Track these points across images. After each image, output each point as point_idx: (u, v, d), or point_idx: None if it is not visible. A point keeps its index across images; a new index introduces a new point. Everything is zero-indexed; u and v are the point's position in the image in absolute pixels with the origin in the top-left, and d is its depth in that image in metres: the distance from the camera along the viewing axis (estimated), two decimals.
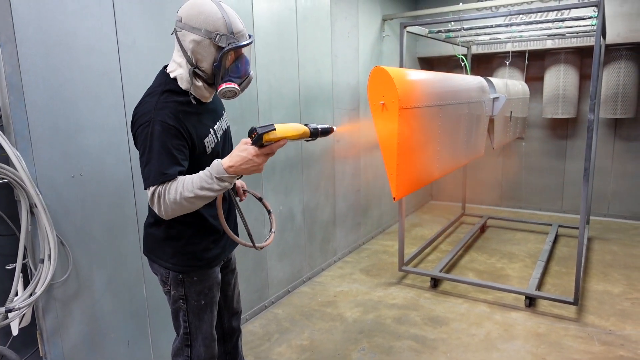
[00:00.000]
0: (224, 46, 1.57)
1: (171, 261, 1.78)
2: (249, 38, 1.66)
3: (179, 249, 1.77)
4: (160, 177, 1.52)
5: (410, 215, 6.09)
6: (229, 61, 1.62)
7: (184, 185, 1.51)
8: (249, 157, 1.51)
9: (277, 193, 3.51)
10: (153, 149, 1.53)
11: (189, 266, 1.79)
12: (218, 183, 1.51)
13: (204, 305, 1.85)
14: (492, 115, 3.48)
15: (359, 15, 4.45)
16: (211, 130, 1.75)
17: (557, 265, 4.23)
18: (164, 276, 1.81)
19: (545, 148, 5.89)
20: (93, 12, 2.16)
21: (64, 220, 2.12)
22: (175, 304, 1.83)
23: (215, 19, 1.57)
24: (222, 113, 1.90)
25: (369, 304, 3.56)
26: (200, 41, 1.58)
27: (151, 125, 1.53)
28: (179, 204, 1.52)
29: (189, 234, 1.77)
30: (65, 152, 2.10)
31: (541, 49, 5.29)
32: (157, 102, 1.58)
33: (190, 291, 1.80)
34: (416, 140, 2.20)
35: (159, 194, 1.51)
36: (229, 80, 1.61)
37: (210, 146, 1.73)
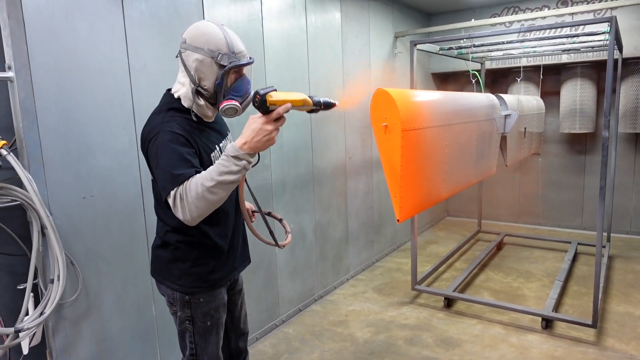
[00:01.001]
0: (225, 64, 1.62)
1: (178, 282, 1.79)
2: (250, 60, 1.72)
3: (185, 270, 1.78)
4: (177, 179, 1.51)
5: (426, 232, 6.02)
6: (230, 80, 1.68)
7: (203, 177, 1.49)
8: (259, 127, 1.48)
9: (287, 212, 3.51)
10: (164, 156, 1.54)
11: (195, 287, 1.79)
12: (235, 163, 1.48)
13: (210, 326, 1.85)
14: (504, 132, 3.44)
15: (370, 33, 4.48)
16: (217, 147, 1.79)
17: (576, 285, 4.10)
18: (171, 297, 1.83)
19: (563, 163, 5.78)
20: (105, 38, 2.22)
21: (74, 240, 2.15)
22: (182, 325, 1.84)
23: (217, 39, 1.64)
24: (226, 134, 1.93)
25: (380, 324, 3.51)
26: (203, 60, 1.63)
27: (160, 135, 1.57)
28: (201, 197, 1.48)
29: (195, 255, 1.78)
30: (77, 174, 2.15)
31: (557, 63, 5.23)
32: (163, 117, 1.64)
33: (197, 312, 1.81)
34: (420, 162, 2.18)
35: (180, 196, 1.49)
36: (231, 98, 1.65)
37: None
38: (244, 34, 3.00)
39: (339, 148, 4.07)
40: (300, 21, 3.53)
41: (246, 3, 3.02)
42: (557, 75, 5.50)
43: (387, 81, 4.80)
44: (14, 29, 1.90)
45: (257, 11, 3.11)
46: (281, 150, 3.41)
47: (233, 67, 1.64)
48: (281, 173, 3.42)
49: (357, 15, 4.26)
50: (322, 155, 3.87)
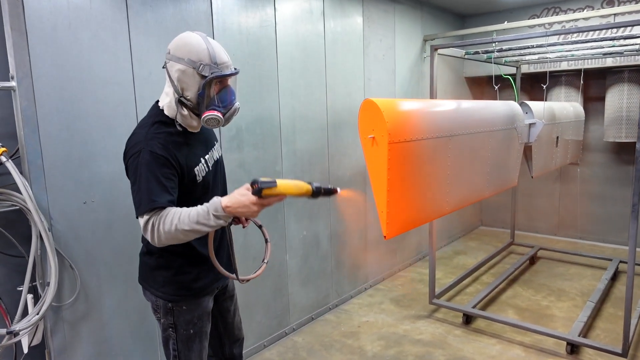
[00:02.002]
0: (207, 75, 1.63)
1: (161, 290, 1.81)
2: (234, 70, 1.72)
3: (168, 278, 1.81)
4: (150, 204, 1.56)
5: (456, 242, 5.79)
6: (214, 91, 1.68)
7: (180, 217, 1.56)
8: (246, 202, 1.56)
9: (300, 219, 3.47)
10: (142, 178, 1.58)
11: (178, 295, 1.81)
12: (214, 220, 1.57)
13: (193, 334, 1.85)
14: (528, 142, 3.22)
15: (395, 36, 4.36)
16: (202, 159, 1.80)
17: (612, 307, 3.79)
18: (155, 304, 1.85)
19: (608, 174, 5.38)
20: (109, 47, 2.27)
21: (74, 244, 2.21)
22: (165, 332, 1.86)
23: (199, 50, 1.65)
24: (214, 143, 1.94)
25: (392, 337, 3.39)
26: (185, 70, 1.65)
27: (141, 155, 1.60)
28: (173, 235, 1.57)
29: (179, 263, 1.80)
30: (78, 180, 2.21)
31: (601, 67, 4.87)
32: (147, 133, 1.65)
33: (179, 320, 1.82)
34: (414, 176, 2.06)
35: (152, 224, 1.56)
36: (213, 109, 1.67)
37: (201, 175, 1.77)
38: (256, 41, 3.00)
39: (357, 155, 3.98)
40: (317, 26, 3.48)
41: (258, 9, 3.01)
42: (602, 79, 5.13)
43: (413, 86, 4.66)
44: (17, 40, 1.97)
45: (270, 17, 3.09)
46: (294, 157, 3.38)
47: (214, 77, 1.64)
48: (294, 179, 3.38)
49: (381, 19, 4.16)
50: (340, 162, 3.80)
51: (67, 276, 2.19)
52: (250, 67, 2.98)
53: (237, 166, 2.95)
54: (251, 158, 3.04)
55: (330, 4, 3.57)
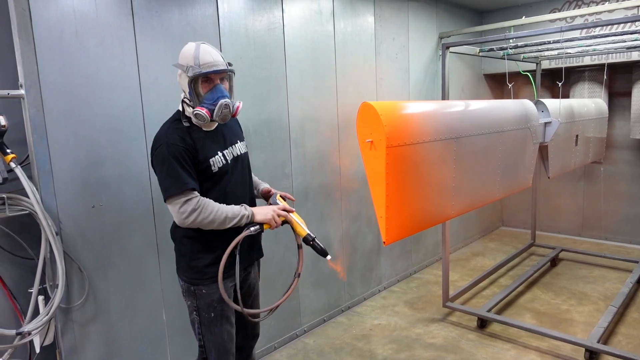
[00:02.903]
0: (190, 75, 1.86)
1: (185, 274, 2.02)
2: (220, 69, 1.89)
3: (188, 263, 2.00)
4: (182, 186, 1.82)
5: (475, 243, 5.68)
6: (202, 89, 1.90)
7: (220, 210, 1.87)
8: (268, 210, 2.00)
9: (310, 221, 3.44)
10: (168, 165, 1.83)
11: (197, 279, 1.98)
12: (243, 219, 1.92)
13: (214, 318, 2.00)
14: (544, 141, 3.11)
15: (409, 35, 4.30)
16: (219, 152, 2.00)
17: (637, 312, 3.64)
18: (182, 287, 2.05)
19: (635, 172, 5.16)
20: (115, 54, 2.32)
21: (83, 247, 2.27)
22: (191, 316, 2.04)
23: (187, 55, 1.90)
24: (236, 141, 2.13)
25: (404, 341, 3.35)
26: (181, 74, 1.93)
27: (162, 147, 1.85)
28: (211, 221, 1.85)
29: (196, 249, 1.98)
30: (86, 184, 2.26)
31: (627, 61, 4.67)
32: (167, 129, 1.92)
33: (201, 303, 1.99)
34: (414, 180, 2.02)
35: (193, 208, 1.81)
36: (202, 106, 1.89)
37: (218, 165, 1.97)
38: (263, 44, 3.00)
39: None
40: (327, 27, 3.46)
41: (265, 12, 3.01)
42: (628, 74, 4.93)
43: (428, 85, 4.58)
44: (25, 49, 2.03)
45: (277, 19, 3.09)
46: (304, 159, 3.37)
47: (195, 76, 1.85)
48: (303, 181, 3.38)
49: (394, 17, 4.10)
50: (351, 163, 3.77)
51: (76, 278, 2.25)
52: (257, 69, 2.99)
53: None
54: (259, 161, 3.05)
55: (340, 4, 3.55)
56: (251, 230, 1.91)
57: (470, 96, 5.33)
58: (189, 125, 1.93)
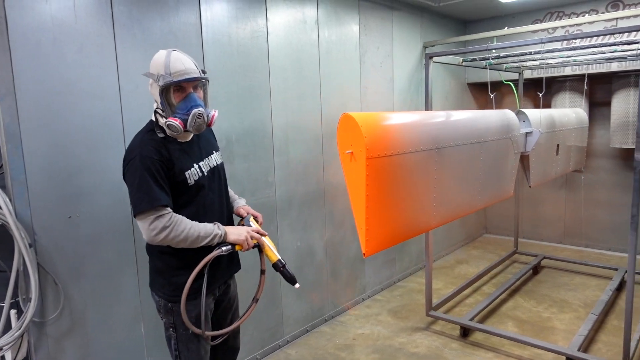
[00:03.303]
0: (161, 84, 1.80)
1: (162, 291, 1.95)
2: (192, 77, 1.82)
3: (167, 279, 1.93)
4: (153, 202, 1.74)
5: (458, 250, 5.71)
6: (175, 99, 1.83)
7: (193, 228, 1.80)
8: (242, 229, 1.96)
9: (294, 229, 3.44)
10: (141, 179, 1.75)
11: (176, 296, 1.89)
12: (215, 239, 1.86)
13: (192, 334, 1.94)
14: (525, 151, 3.15)
15: (394, 44, 4.32)
16: (195, 165, 1.93)
17: (616, 319, 3.69)
18: (158, 304, 1.99)
19: (615, 180, 5.25)
20: (94, 62, 2.27)
21: (58, 259, 2.21)
22: (167, 332, 1.98)
23: (158, 63, 1.83)
24: (211, 152, 2.08)
25: (387, 350, 3.34)
26: (152, 84, 1.87)
27: (137, 159, 1.77)
28: (184, 239, 1.78)
29: (174, 265, 1.91)
30: (62, 195, 2.20)
31: (606, 72, 4.76)
32: (142, 140, 1.84)
33: (179, 320, 1.90)
34: (395, 191, 2.02)
35: (164, 225, 1.74)
36: (174, 116, 1.82)
37: (193, 178, 1.90)
38: (247, 52, 2.99)
39: None
40: (311, 36, 3.46)
41: (249, 20, 3.00)
42: (608, 84, 5.03)
43: (412, 94, 4.61)
44: (0, 57, 1.98)
45: (261, 28, 3.07)
46: (288, 167, 3.35)
47: (165, 85, 1.79)
48: (287, 190, 3.36)
49: (379, 27, 4.12)
50: (335, 171, 3.76)
51: (50, 291, 2.19)
52: (241, 78, 2.97)
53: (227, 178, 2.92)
54: (242, 170, 3.02)
55: (325, 13, 3.55)
56: (222, 250, 1.85)
57: (455, 105, 5.38)
58: (164, 136, 1.86)
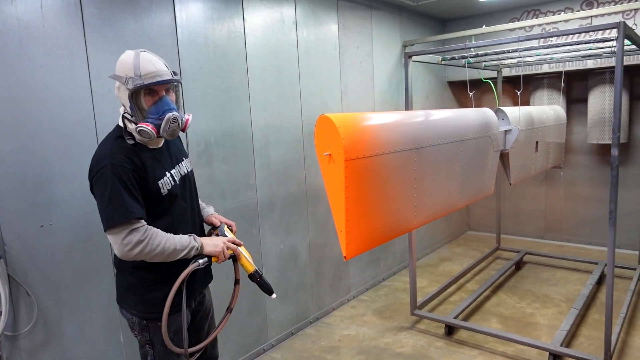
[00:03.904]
0: (130, 88, 1.68)
1: (136, 308, 1.84)
2: (163, 80, 1.71)
3: (140, 296, 1.83)
4: (127, 214, 1.63)
5: (442, 248, 5.74)
6: (145, 103, 1.72)
7: (169, 241, 1.71)
8: (217, 240, 1.88)
9: (276, 232, 3.40)
10: (113, 190, 1.63)
11: (152, 313, 1.81)
12: (192, 252, 1.78)
13: (170, 350, 1.83)
14: (505, 149, 3.17)
15: (373, 43, 4.31)
16: (167, 173, 1.84)
17: (597, 313, 3.74)
18: (131, 322, 1.89)
19: (593, 176, 5.34)
20: (65, 65, 2.20)
21: (31, 270, 2.14)
22: (143, 349, 1.89)
23: (126, 65, 1.71)
24: (182, 158, 1.99)
25: (373, 351, 3.32)
26: (119, 86, 1.74)
27: (109, 168, 1.65)
28: (155, 254, 1.68)
29: (149, 280, 1.82)
30: (34, 203, 2.13)
31: (582, 69, 4.84)
32: (111, 148, 1.71)
33: (156, 337, 1.83)
34: (375, 192, 2.00)
35: (139, 239, 1.64)
36: (146, 121, 1.71)
37: (166, 188, 1.81)
38: (224, 53, 2.94)
39: None
40: (290, 36, 3.42)
41: (226, 21, 2.95)
42: (584, 81, 5.11)
43: (393, 93, 4.61)
44: None
45: (238, 28, 3.03)
46: (268, 169, 3.31)
47: (135, 88, 1.67)
48: (269, 192, 3.32)
49: (358, 26, 4.11)
50: (317, 172, 3.73)
51: (23, 303, 2.11)
52: (218, 79, 2.92)
53: (206, 181, 2.87)
54: (221, 172, 2.97)
55: (303, 13, 3.52)
56: (199, 264, 1.78)
57: (436, 103, 5.40)
58: (134, 143, 1.74)
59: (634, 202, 4.90)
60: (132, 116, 1.72)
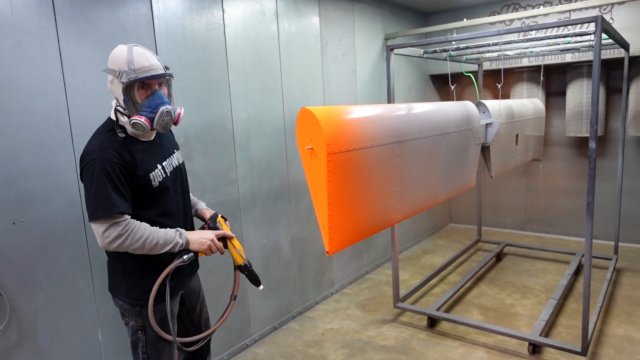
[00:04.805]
0: (124, 81, 1.72)
1: (127, 295, 1.89)
2: (157, 74, 1.76)
3: (132, 284, 1.88)
4: (109, 209, 1.67)
5: (425, 240, 5.78)
6: (139, 96, 1.76)
7: (152, 235, 1.74)
8: (204, 233, 1.91)
9: (259, 226, 3.37)
10: (99, 184, 1.67)
11: (144, 299, 1.84)
12: (176, 247, 1.80)
13: (161, 336, 1.88)
14: (486, 142, 3.19)
15: (355, 36, 4.28)
16: (158, 165, 1.88)
17: (575, 303, 3.82)
18: (122, 308, 1.92)
19: (571, 168, 5.44)
20: (35, 55, 2.12)
21: (3, 268, 2.06)
22: (135, 335, 1.92)
23: (119, 59, 1.74)
24: (173, 151, 2.03)
25: (356, 344, 3.33)
26: (112, 80, 1.77)
27: (97, 162, 1.69)
28: (141, 246, 1.72)
29: (140, 269, 1.86)
30: (4, 199, 2.05)
31: (561, 63, 4.90)
32: (102, 141, 1.74)
33: (148, 322, 1.85)
34: (357, 186, 1.98)
35: (120, 232, 1.67)
36: (140, 114, 1.75)
37: (157, 180, 1.85)
38: (203, 45, 2.88)
39: None
40: (270, 28, 3.37)
41: (204, 11, 2.88)
42: (562, 75, 5.18)
43: (375, 86, 4.60)
44: None
45: (217, 20, 2.97)
46: (250, 163, 3.27)
47: (129, 82, 1.71)
48: (250, 186, 3.28)
49: (340, 19, 4.07)
50: (299, 167, 3.70)
51: None
52: (197, 72, 2.85)
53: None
54: (202, 167, 2.92)
55: (284, 4, 3.47)
56: (184, 260, 1.79)
57: (418, 97, 5.41)
58: (125, 136, 1.78)
59: (610, 194, 5.00)
60: (124, 109, 1.76)
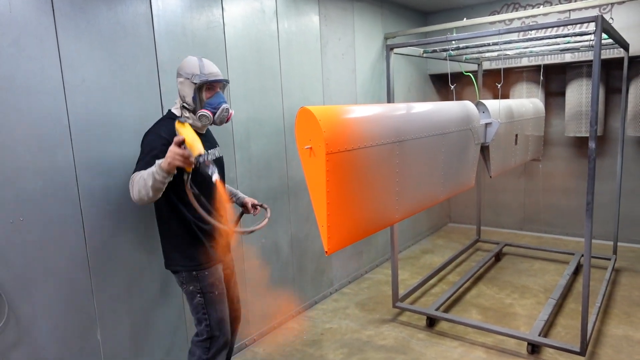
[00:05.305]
0: (196, 82, 2.13)
1: (181, 264, 2.20)
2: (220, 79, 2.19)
3: (182, 252, 2.20)
4: (136, 169, 2.03)
5: (424, 240, 5.78)
6: (205, 96, 2.16)
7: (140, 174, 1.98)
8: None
9: None
10: (144, 152, 2.07)
11: (197, 265, 2.18)
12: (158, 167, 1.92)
13: (217, 295, 2.23)
14: (485, 142, 3.19)
15: (355, 35, 4.28)
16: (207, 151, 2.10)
17: (574, 303, 3.82)
18: (181, 277, 2.22)
19: (570, 168, 5.44)
20: (33, 54, 2.11)
21: (1, 268, 2.05)
22: (194, 300, 2.21)
23: (192, 65, 2.17)
24: (215, 145, 2.42)
25: (355, 344, 3.33)
26: (184, 82, 2.17)
27: (148, 136, 2.13)
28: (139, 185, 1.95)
29: (184, 241, 2.18)
30: (2, 198, 2.04)
31: (560, 63, 4.90)
32: (157, 124, 2.19)
33: (204, 284, 2.19)
34: (356, 186, 1.98)
35: (131, 182, 2.00)
36: (205, 108, 2.16)
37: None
38: (202, 43, 2.87)
39: None
40: (270, 27, 3.36)
41: (204, 10, 2.87)
42: (562, 74, 5.18)
43: (375, 85, 4.59)
44: None
45: (217, 18, 2.96)
46: (249, 163, 3.26)
47: (202, 83, 2.12)
48: (250, 185, 3.27)
49: (340, 18, 4.07)
50: (299, 165, 3.67)
51: None
52: None
53: None
54: None
55: (284, 3, 3.46)
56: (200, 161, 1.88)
57: (417, 96, 5.41)
58: None
59: (609, 194, 5.01)
60: (189, 106, 2.15)
